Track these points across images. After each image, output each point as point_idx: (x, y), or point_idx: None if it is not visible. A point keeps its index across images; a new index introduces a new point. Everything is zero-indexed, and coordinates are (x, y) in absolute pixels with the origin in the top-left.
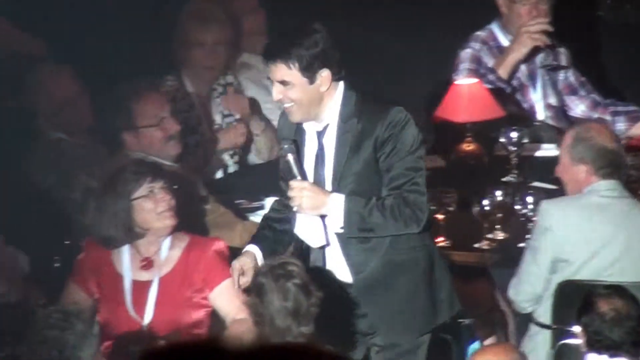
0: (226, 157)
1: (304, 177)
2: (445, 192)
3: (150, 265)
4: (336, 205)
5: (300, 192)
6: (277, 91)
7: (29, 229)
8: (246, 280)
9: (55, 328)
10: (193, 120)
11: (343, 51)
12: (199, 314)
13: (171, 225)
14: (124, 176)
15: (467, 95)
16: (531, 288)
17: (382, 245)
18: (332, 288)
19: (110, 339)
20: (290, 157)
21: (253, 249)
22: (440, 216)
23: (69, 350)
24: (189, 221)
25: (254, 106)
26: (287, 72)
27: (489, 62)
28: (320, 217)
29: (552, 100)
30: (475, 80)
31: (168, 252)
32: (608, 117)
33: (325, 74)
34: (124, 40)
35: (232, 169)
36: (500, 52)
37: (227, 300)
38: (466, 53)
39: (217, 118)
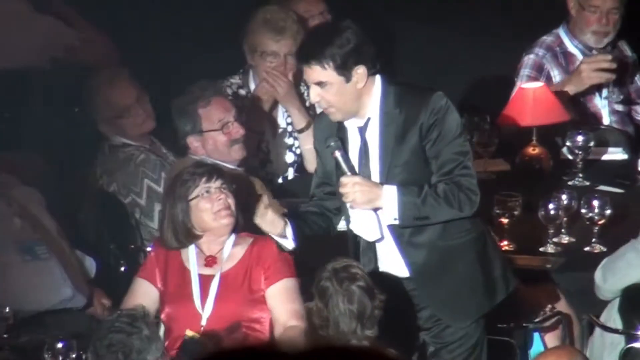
0: (287, 164)
1: (354, 172)
2: (510, 196)
3: (214, 262)
4: (390, 196)
5: (352, 187)
6: (314, 93)
7: (95, 233)
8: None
9: (122, 332)
10: (254, 122)
11: (385, 46)
12: (261, 311)
13: (228, 225)
14: (182, 179)
15: (532, 99)
16: (620, 284)
17: (435, 233)
18: (391, 287)
19: (173, 337)
20: (338, 154)
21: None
22: (504, 220)
23: (135, 354)
24: (252, 222)
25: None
26: (322, 72)
27: (553, 69)
28: (373, 211)
29: (618, 106)
30: (541, 84)
31: (231, 249)
32: None
33: (360, 71)
34: (189, 41)
35: (291, 175)
36: (565, 58)
37: (281, 302)
38: (529, 59)
39: (281, 122)
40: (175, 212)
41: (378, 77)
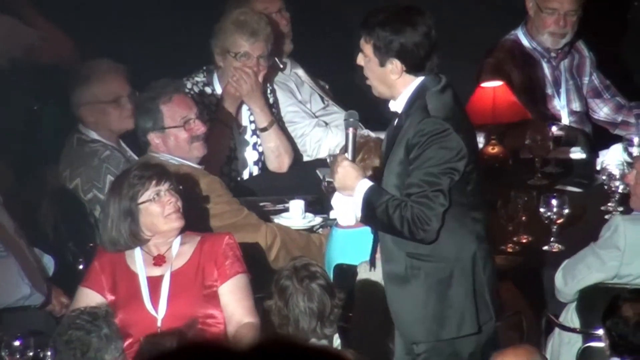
0: (251, 162)
1: (354, 156)
2: None
3: (163, 261)
4: (360, 190)
5: (338, 167)
6: (359, 57)
7: (53, 231)
8: None
9: (82, 329)
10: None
11: None
12: (215, 307)
13: (178, 227)
14: (129, 180)
15: (492, 98)
16: (580, 287)
17: (407, 244)
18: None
19: (129, 339)
20: (350, 132)
21: None
22: None
23: (92, 352)
24: (207, 224)
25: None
26: (364, 44)
27: (512, 72)
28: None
29: (576, 106)
30: (500, 82)
31: (179, 247)
32: (632, 120)
33: (395, 64)
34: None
35: (255, 172)
36: (524, 58)
37: (234, 299)
38: (488, 63)
39: (245, 120)
40: (121, 213)
41: (420, 79)
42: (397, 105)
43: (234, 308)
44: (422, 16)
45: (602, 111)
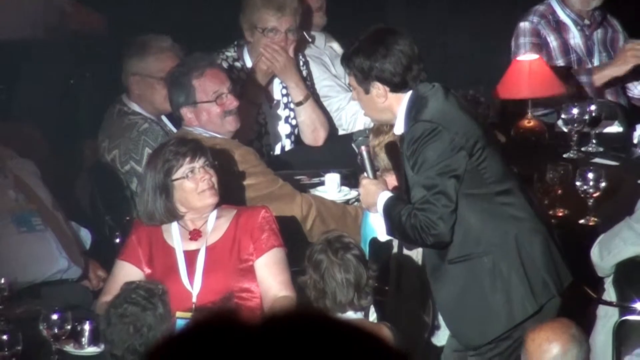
0: (283, 135)
1: (372, 173)
2: None
3: (199, 236)
4: (379, 205)
5: (361, 187)
6: (353, 92)
7: (90, 205)
8: None
9: (138, 305)
10: (253, 94)
11: None
12: (251, 281)
13: (212, 204)
14: (164, 155)
15: (528, 72)
16: (616, 261)
17: (447, 252)
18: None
19: None
20: (363, 150)
21: None
22: None
23: (145, 329)
24: (243, 195)
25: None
26: (349, 76)
27: (549, 34)
28: None
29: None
30: (536, 56)
31: (215, 222)
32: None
33: (378, 87)
34: (183, 14)
35: (287, 147)
36: (558, 26)
37: (271, 273)
38: (525, 27)
39: (277, 94)
40: (157, 189)
41: (408, 94)
42: (399, 127)
43: (270, 282)
44: (392, 35)
45: (637, 89)
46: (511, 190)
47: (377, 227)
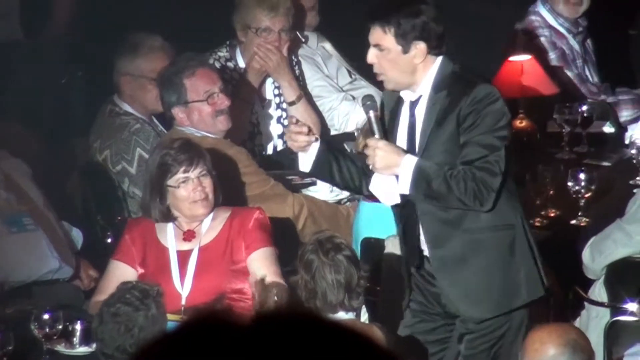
0: (275, 135)
1: (382, 136)
2: None
3: (192, 236)
4: (407, 166)
5: (374, 151)
6: (371, 54)
7: (81, 205)
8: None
9: (130, 305)
10: (246, 94)
11: None
12: (243, 282)
13: (203, 214)
14: (162, 158)
15: (520, 72)
16: (607, 262)
17: (462, 220)
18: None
19: None
20: (372, 114)
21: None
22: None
23: (136, 330)
24: (234, 195)
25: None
26: (382, 36)
27: (562, 44)
28: (395, 177)
29: (597, 79)
30: (529, 56)
31: (210, 223)
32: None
33: (420, 46)
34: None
35: (279, 146)
36: (556, 34)
37: (262, 265)
38: (544, 42)
39: (269, 94)
40: (153, 189)
41: (440, 58)
42: (421, 90)
43: (261, 272)
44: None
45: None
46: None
47: (382, 192)
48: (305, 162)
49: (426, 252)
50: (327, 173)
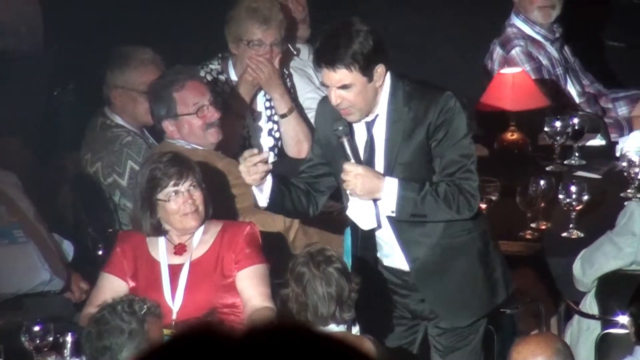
0: (266, 148)
1: (358, 160)
2: (488, 181)
3: (184, 250)
4: (390, 189)
5: (354, 176)
6: (336, 96)
7: (72, 217)
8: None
9: (116, 324)
10: (238, 107)
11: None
12: (234, 297)
13: (194, 227)
14: (152, 172)
15: (511, 84)
16: (598, 275)
17: (437, 230)
18: (386, 276)
19: None
20: (345, 140)
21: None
22: (483, 205)
23: (108, 341)
24: (225, 208)
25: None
26: (348, 75)
27: (539, 54)
28: (372, 200)
29: (578, 87)
30: (519, 69)
31: (201, 236)
32: (610, 105)
33: (380, 69)
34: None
35: (271, 159)
36: (536, 44)
37: (252, 285)
38: (518, 53)
39: (260, 106)
40: (143, 203)
41: (388, 73)
42: (378, 109)
43: (250, 293)
44: (358, 23)
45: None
46: None
47: (360, 217)
48: (261, 198)
49: (397, 266)
50: (281, 206)
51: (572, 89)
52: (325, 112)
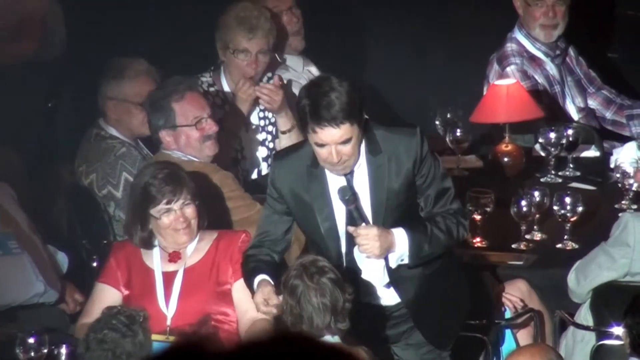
0: (260, 158)
1: (367, 222)
2: (482, 192)
3: (178, 258)
4: (401, 241)
5: (373, 239)
6: (336, 152)
7: (67, 228)
8: (270, 309)
9: (117, 331)
10: (232, 120)
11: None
12: (228, 304)
13: (185, 242)
14: (145, 188)
15: (505, 96)
16: (592, 286)
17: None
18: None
19: None
20: (352, 208)
21: (264, 277)
22: (477, 216)
23: (124, 356)
24: (220, 220)
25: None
26: (350, 129)
27: (535, 73)
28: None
29: (578, 102)
30: (514, 80)
31: (196, 245)
32: (623, 120)
33: (364, 118)
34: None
35: (265, 170)
36: (535, 62)
37: (248, 295)
38: (513, 71)
39: (254, 119)
40: (135, 216)
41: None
42: (358, 161)
43: (247, 305)
44: (334, 78)
45: (592, 106)
46: None
47: (376, 273)
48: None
49: (387, 303)
50: None
51: (571, 106)
52: (289, 167)
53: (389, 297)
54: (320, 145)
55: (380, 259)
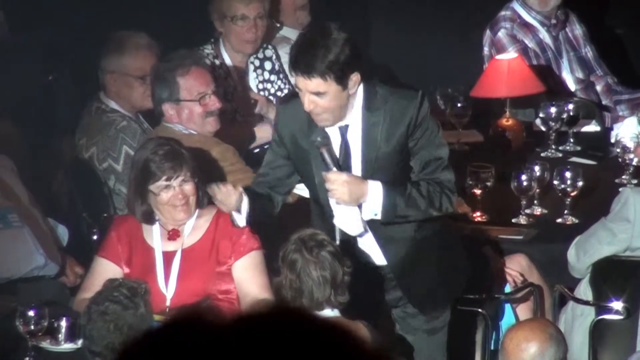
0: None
1: (339, 167)
2: (483, 167)
3: (177, 235)
4: (375, 193)
5: (342, 185)
6: (309, 101)
7: (67, 202)
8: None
9: (119, 304)
10: (229, 89)
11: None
12: (229, 283)
13: (183, 219)
14: (146, 163)
15: (506, 70)
16: (592, 261)
17: (412, 225)
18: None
19: None
20: (324, 150)
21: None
22: (477, 191)
23: (126, 328)
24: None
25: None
26: (322, 84)
27: (525, 38)
28: (357, 206)
29: (580, 74)
30: (515, 55)
31: (195, 221)
32: (611, 105)
33: (355, 77)
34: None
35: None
36: (527, 28)
37: (250, 275)
38: (502, 36)
39: (253, 87)
40: (135, 190)
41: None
42: (351, 115)
43: (248, 285)
44: (335, 31)
45: (595, 87)
46: None
47: (347, 223)
48: (240, 218)
49: (374, 262)
50: (257, 219)
51: (568, 76)
52: (292, 112)
53: (378, 258)
54: (299, 89)
55: (350, 205)
